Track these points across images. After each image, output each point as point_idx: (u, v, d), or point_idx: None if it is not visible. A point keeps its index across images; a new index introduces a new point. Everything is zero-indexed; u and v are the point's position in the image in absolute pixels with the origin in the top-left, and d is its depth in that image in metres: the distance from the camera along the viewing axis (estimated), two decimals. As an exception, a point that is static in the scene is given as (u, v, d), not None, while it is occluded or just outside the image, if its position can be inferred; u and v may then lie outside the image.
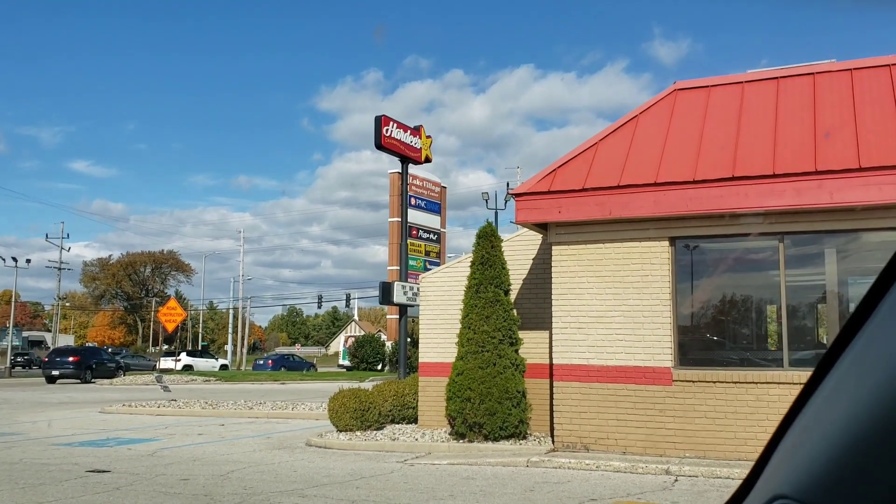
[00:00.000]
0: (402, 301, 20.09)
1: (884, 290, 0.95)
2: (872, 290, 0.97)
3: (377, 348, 58.56)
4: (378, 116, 20.57)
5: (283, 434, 16.01)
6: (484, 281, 13.28)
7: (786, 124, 11.71)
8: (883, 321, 0.93)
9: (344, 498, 9.12)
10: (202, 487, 9.86)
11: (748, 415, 11.17)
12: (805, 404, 1.06)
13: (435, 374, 14.97)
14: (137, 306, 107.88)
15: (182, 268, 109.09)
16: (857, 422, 0.93)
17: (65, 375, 41.89)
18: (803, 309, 12.77)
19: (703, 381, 11.52)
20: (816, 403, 1.04)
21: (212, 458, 12.46)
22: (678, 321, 12.03)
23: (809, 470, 1.00)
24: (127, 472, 11.05)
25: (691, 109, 12.74)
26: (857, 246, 11.83)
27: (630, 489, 9.56)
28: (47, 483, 10.18)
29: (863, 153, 10.66)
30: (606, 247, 12.34)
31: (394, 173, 40.52)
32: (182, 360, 61.14)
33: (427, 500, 9.00)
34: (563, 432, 12.33)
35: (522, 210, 12.60)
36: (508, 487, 9.74)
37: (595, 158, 12.59)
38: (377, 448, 13.18)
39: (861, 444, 0.92)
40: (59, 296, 73.40)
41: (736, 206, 11.22)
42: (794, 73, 12.59)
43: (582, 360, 12.32)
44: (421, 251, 24.34)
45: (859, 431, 0.92)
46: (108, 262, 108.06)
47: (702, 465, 10.69)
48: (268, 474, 10.89)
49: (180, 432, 16.41)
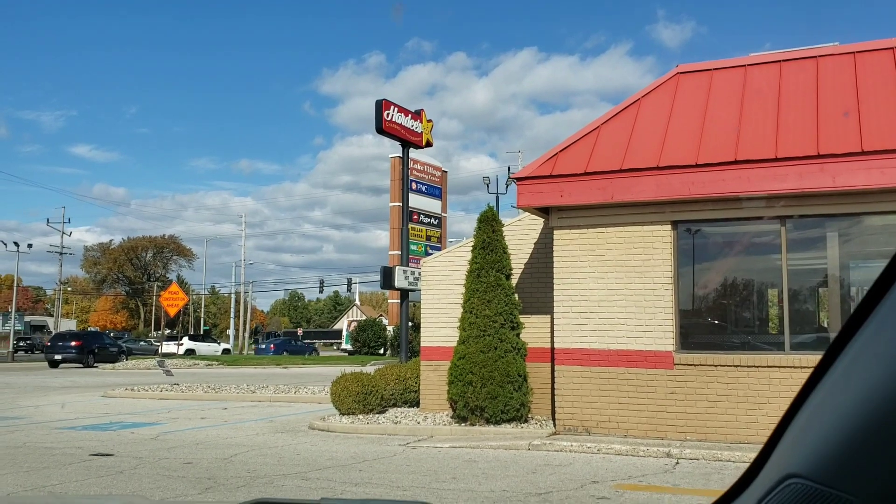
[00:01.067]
0: (403, 286, 20.12)
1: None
2: (889, 268, 0.97)
3: (379, 333, 58.67)
4: (379, 101, 20.52)
5: (285, 418, 16.07)
6: (485, 265, 13.29)
7: (788, 108, 11.67)
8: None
9: (347, 480, 9.16)
10: (205, 471, 9.91)
11: (749, 398, 11.20)
12: (817, 385, 1.06)
13: (437, 357, 15.01)
14: (139, 291, 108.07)
15: (183, 252, 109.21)
16: (871, 401, 0.92)
17: (67, 360, 42.05)
18: (805, 293, 12.78)
19: (704, 364, 11.54)
20: (829, 383, 1.04)
21: (215, 442, 12.52)
22: (680, 305, 12.05)
23: (822, 449, 1.00)
24: (130, 456, 11.10)
25: (693, 93, 12.69)
26: (859, 229, 11.82)
27: (631, 472, 9.61)
28: (51, 467, 10.24)
29: (865, 137, 10.63)
30: (608, 231, 12.33)
31: (395, 158, 40.46)
32: (185, 344, 61.35)
33: (429, 482, 9.05)
34: (565, 416, 12.38)
35: (524, 194, 12.59)
36: (510, 470, 9.79)
37: (597, 142, 12.56)
38: (379, 431, 13.24)
39: (874, 423, 0.92)
40: (61, 280, 73.52)
41: (738, 189, 11.20)
42: (797, 56, 12.54)
43: (583, 343, 12.35)
44: (422, 236, 24.35)
45: (873, 411, 0.92)
46: (109, 246, 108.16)
47: (703, 447, 10.73)
48: (271, 457, 10.94)
49: (183, 416, 16.49)
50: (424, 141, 22.11)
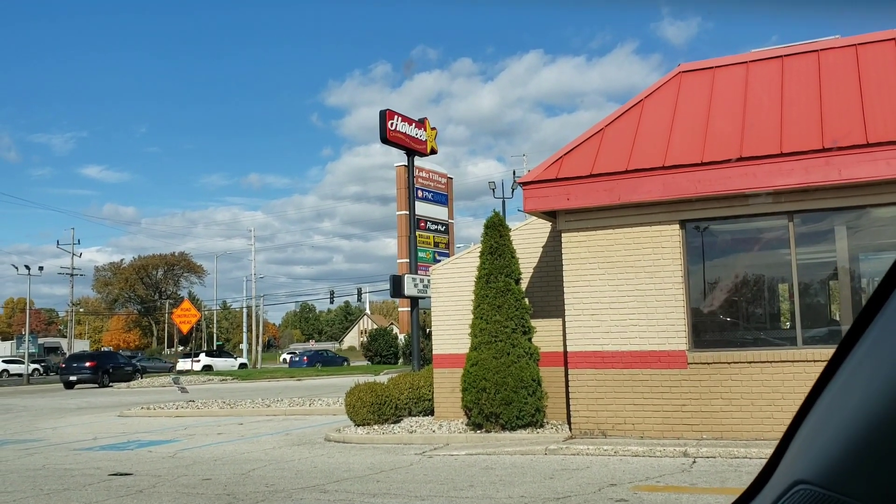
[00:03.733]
0: (412, 293, 20.15)
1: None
2: (890, 273, 0.98)
3: (390, 341, 58.68)
4: (383, 111, 20.60)
5: (301, 430, 16.11)
6: (494, 271, 13.30)
7: (792, 103, 11.67)
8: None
9: (365, 492, 9.19)
10: (224, 487, 9.95)
11: (764, 394, 11.18)
12: (823, 390, 1.07)
13: (449, 365, 15.02)
14: (151, 309, 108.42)
15: (194, 269, 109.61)
16: (876, 406, 0.93)
17: (82, 381, 42.27)
18: (815, 286, 12.74)
19: (717, 362, 11.52)
20: (835, 389, 1.04)
21: (232, 457, 12.57)
22: (691, 304, 12.04)
23: (829, 455, 1.01)
24: (149, 474, 11.16)
25: (696, 91, 12.70)
26: (867, 222, 11.79)
27: (649, 473, 9.60)
28: (71, 488, 10.29)
29: (870, 129, 10.62)
30: (616, 232, 12.34)
31: (400, 166, 40.48)
32: (201, 360, 61.57)
33: (447, 490, 9.06)
34: (580, 419, 12.37)
35: (530, 198, 12.61)
36: (528, 475, 9.80)
37: (602, 144, 12.58)
38: (395, 441, 13.26)
39: (880, 428, 0.93)
40: (73, 301, 73.81)
41: (744, 186, 11.20)
42: (799, 50, 12.53)
43: (596, 346, 12.34)
44: (430, 243, 24.37)
45: (878, 416, 0.93)
46: (120, 266, 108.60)
47: (719, 446, 10.71)
48: (288, 471, 10.98)
49: (200, 433, 16.54)
50: (429, 149, 22.17)
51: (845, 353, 1.03)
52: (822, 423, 1.05)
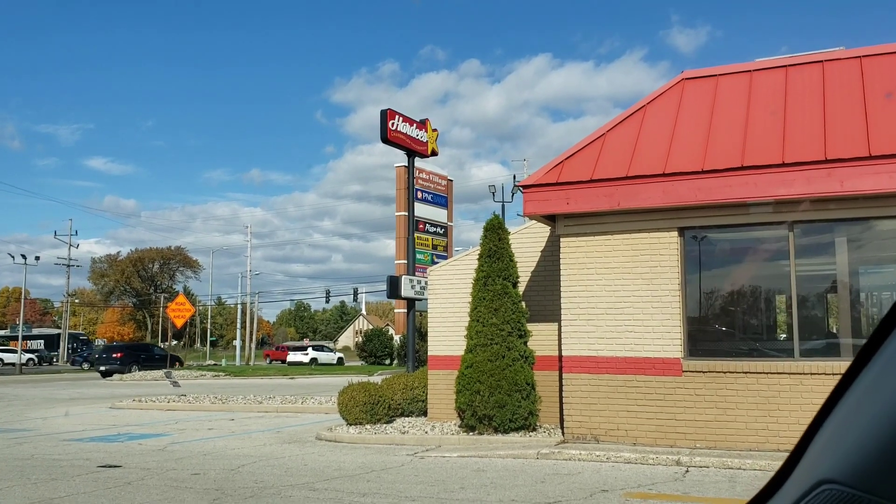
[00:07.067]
0: (409, 295, 20.09)
1: None
2: None
3: (385, 342, 58.65)
4: (384, 110, 20.52)
5: (293, 428, 16.04)
6: (492, 273, 13.26)
7: (795, 113, 11.63)
8: None
9: (354, 491, 9.12)
10: (213, 482, 9.88)
11: (759, 405, 11.13)
12: (847, 390, 1.04)
13: (444, 367, 14.97)
14: (146, 302, 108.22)
15: (190, 263, 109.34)
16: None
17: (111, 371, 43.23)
18: (813, 299, 12.71)
19: (713, 371, 11.47)
20: (861, 388, 1.02)
21: (223, 453, 12.49)
22: (687, 312, 11.99)
23: (857, 455, 0.98)
24: (138, 467, 11.08)
25: (699, 99, 12.67)
26: (869, 234, 11.75)
27: (641, 480, 9.54)
28: (59, 478, 10.22)
29: (873, 141, 10.58)
30: (615, 238, 12.29)
31: (400, 167, 40.43)
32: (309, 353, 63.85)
33: (438, 492, 9.00)
34: (573, 424, 12.31)
35: (530, 202, 12.56)
36: (519, 479, 9.74)
37: (603, 149, 12.54)
38: (387, 441, 13.19)
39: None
40: (69, 292, 73.68)
41: (745, 195, 11.16)
42: (803, 61, 12.50)
43: (591, 351, 12.29)
44: (428, 245, 24.32)
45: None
46: (116, 258, 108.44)
47: (713, 455, 10.66)
48: (278, 468, 10.91)
49: (191, 427, 16.46)
50: (430, 150, 22.11)
51: (873, 349, 0.99)
52: (848, 423, 1.02)
